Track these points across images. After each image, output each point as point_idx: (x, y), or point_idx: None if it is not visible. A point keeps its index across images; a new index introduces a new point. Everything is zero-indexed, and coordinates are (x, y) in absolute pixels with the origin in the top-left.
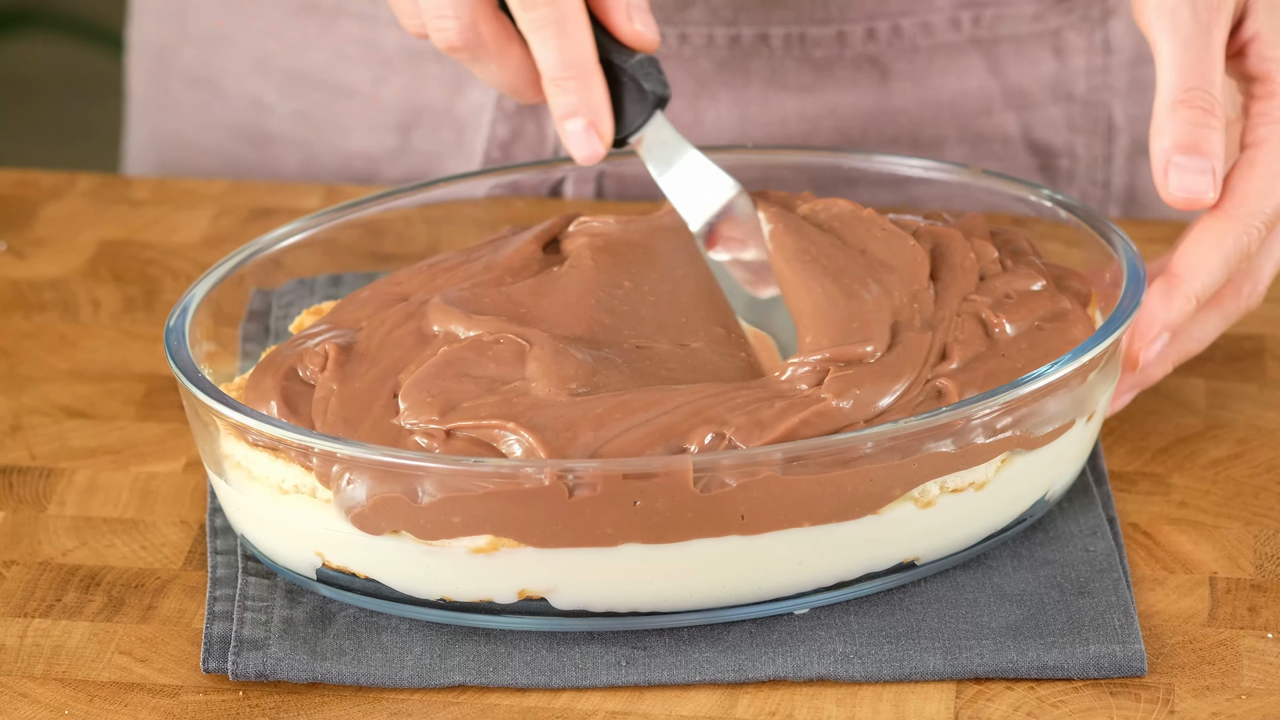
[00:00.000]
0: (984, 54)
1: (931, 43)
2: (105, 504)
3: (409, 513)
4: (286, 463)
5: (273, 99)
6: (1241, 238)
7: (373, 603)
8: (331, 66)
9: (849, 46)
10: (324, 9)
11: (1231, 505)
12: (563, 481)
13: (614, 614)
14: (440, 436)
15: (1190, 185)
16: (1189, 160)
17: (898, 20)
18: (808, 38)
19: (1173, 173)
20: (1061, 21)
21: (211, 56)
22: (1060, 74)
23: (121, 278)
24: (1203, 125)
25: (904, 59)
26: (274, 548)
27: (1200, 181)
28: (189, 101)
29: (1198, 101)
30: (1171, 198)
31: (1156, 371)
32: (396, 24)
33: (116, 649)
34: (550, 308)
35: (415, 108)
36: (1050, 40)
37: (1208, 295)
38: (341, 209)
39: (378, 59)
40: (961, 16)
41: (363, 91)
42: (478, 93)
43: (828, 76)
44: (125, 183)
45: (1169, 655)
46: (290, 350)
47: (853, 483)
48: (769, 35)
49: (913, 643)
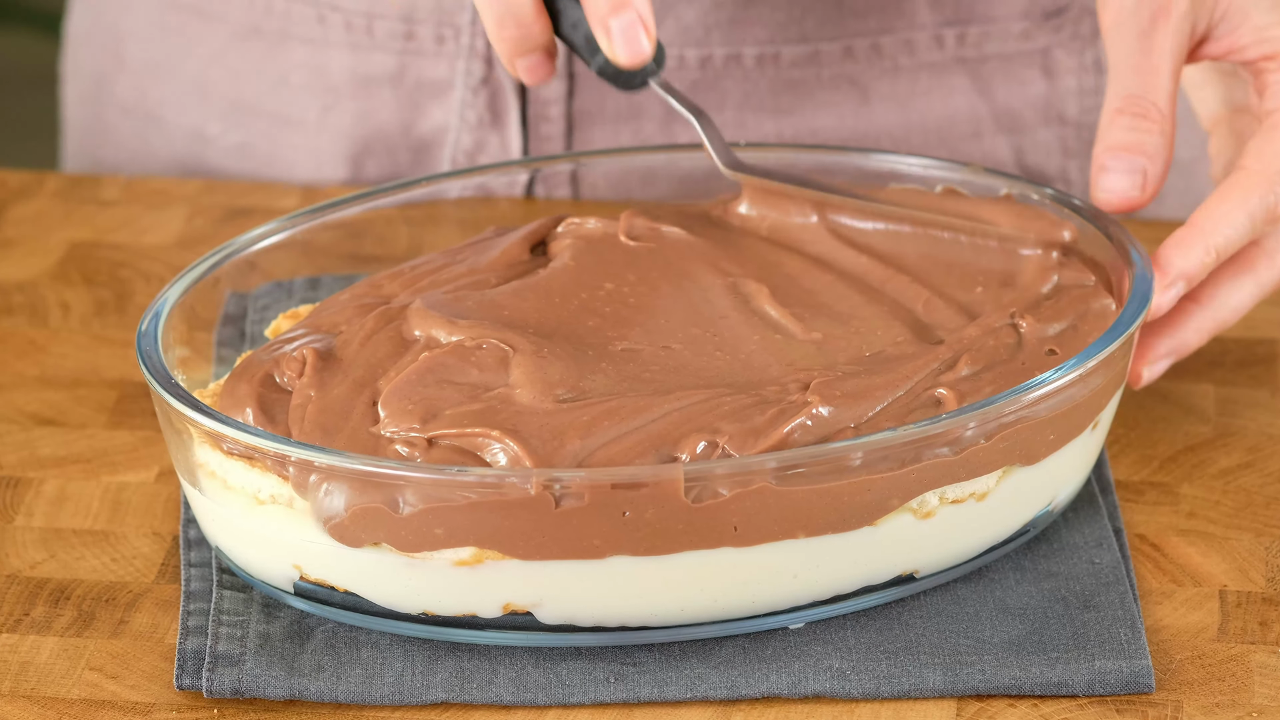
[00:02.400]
0: (970, 74)
1: (914, 62)
2: (75, 515)
3: (390, 524)
4: (263, 472)
5: (214, 130)
6: (1268, 196)
7: (352, 617)
8: (276, 95)
9: (826, 66)
10: (269, 33)
11: (1242, 516)
12: (549, 491)
13: (602, 629)
14: (422, 445)
15: (1117, 185)
16: (1116, 160)
17: (877, 38)
18: (782, 57)
19: (1101, 175)
20: (1050, 40)
21: (150, 85)
22: (1051, 95)
23: (92, 280)
24: (1137, 130)
25: (885, 79)
26: (250, 560)
27: (1126, 180)
28: (126, 132)
29: (1133, 108)
30: (1100, 199)
31: (1193, 339)
32: (346, 47)
33: (87, 665)
34: (533, 311)
35: (366, 136)
36: (1039, 59)
37: (1228, 251)
38: (320, 209)
39: (325, 86)
40: (945, 34)
41: (309, 121)
42: (439, 112)
43: (805, 97)
44: (96, 182)
45: (1177, 671)
46: (266, 355)
47: (849, 493)
48: (741, 55)
49: (912, 658)
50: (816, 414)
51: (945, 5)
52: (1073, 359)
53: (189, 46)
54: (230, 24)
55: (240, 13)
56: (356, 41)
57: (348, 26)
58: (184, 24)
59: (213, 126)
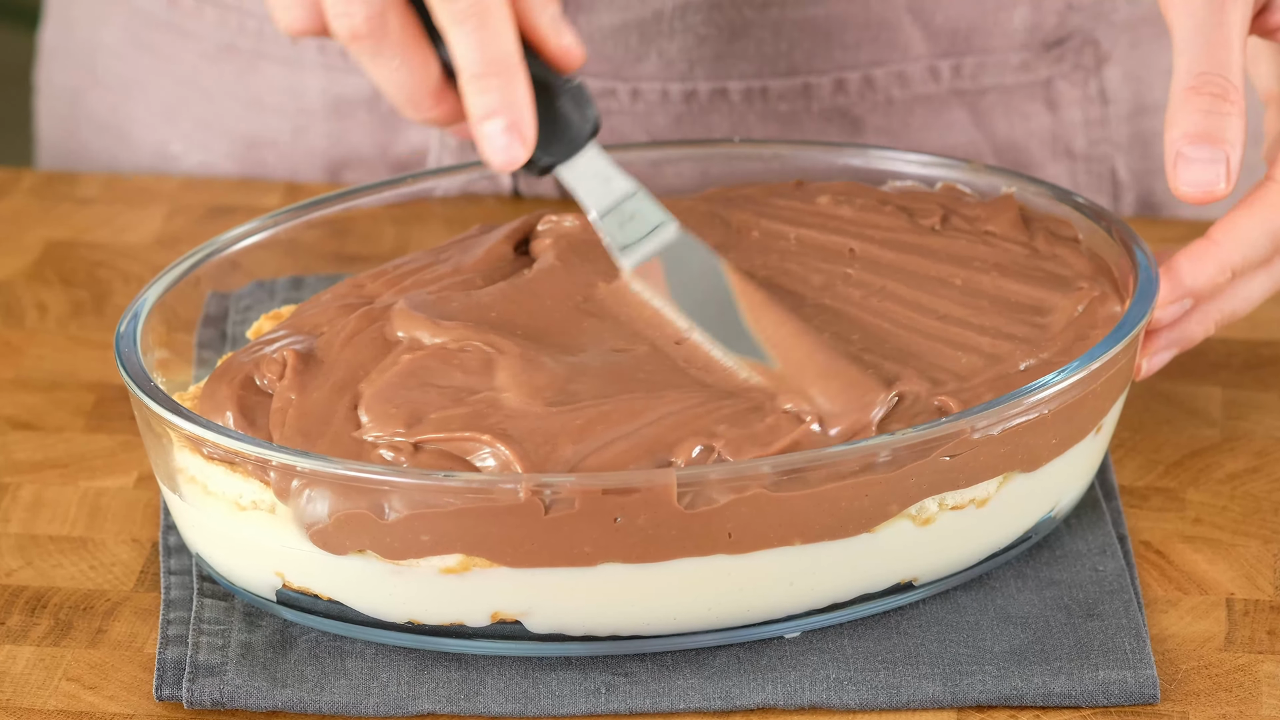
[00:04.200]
0: (968, 107)
1: (908, 94)
2: (52, 521)
3: (374, 530)
4: (244, 477)
5: (176, 149)
6: None
7: (336, 626)
8: (246, 116)
9: (816, 99)
10: (243, 51)
11: (1250, 522)
12: (539, 497)
13: (593, 638)
14: (408, 449)
15: (1199, 177)
16: (1198, 150)
17: (869, 71)
18: (770, 91)
19: (1180, 165)
20: (1052, 70)
21: (121, 102)
22: (1056, 128)
23: (69, 280)
24: (1214, 112)
25: (879, 112)
26: (231, 568)
27: (1210, 172)
28: (97, 148)
29: (1209, 87)
30: (1181, 192)
31: (1198, 331)
32: (320, 69)
33: (64, 675)
34: (521, 312)
35: (340, 158)
36: (1041, 91)
37: (1246, 270)
38: (303, 207)
39: (298, 108)
40: (940, 66)
41: (280, 143)
42: (417, 134)
43: (794, 130)
44: (73, 179)
45: (1183, 682)
46: (247, 357)
47: (846, 499)
48: (728, 89)
49: (911, 668)
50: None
51: (940, 36)
52: (1075, 361)
53: (162, 64)
54: (204, 42)
55: (214, 31)
56: (330, 63)
57: (321, 48)
58: (157, 41)
59: (175, 145)
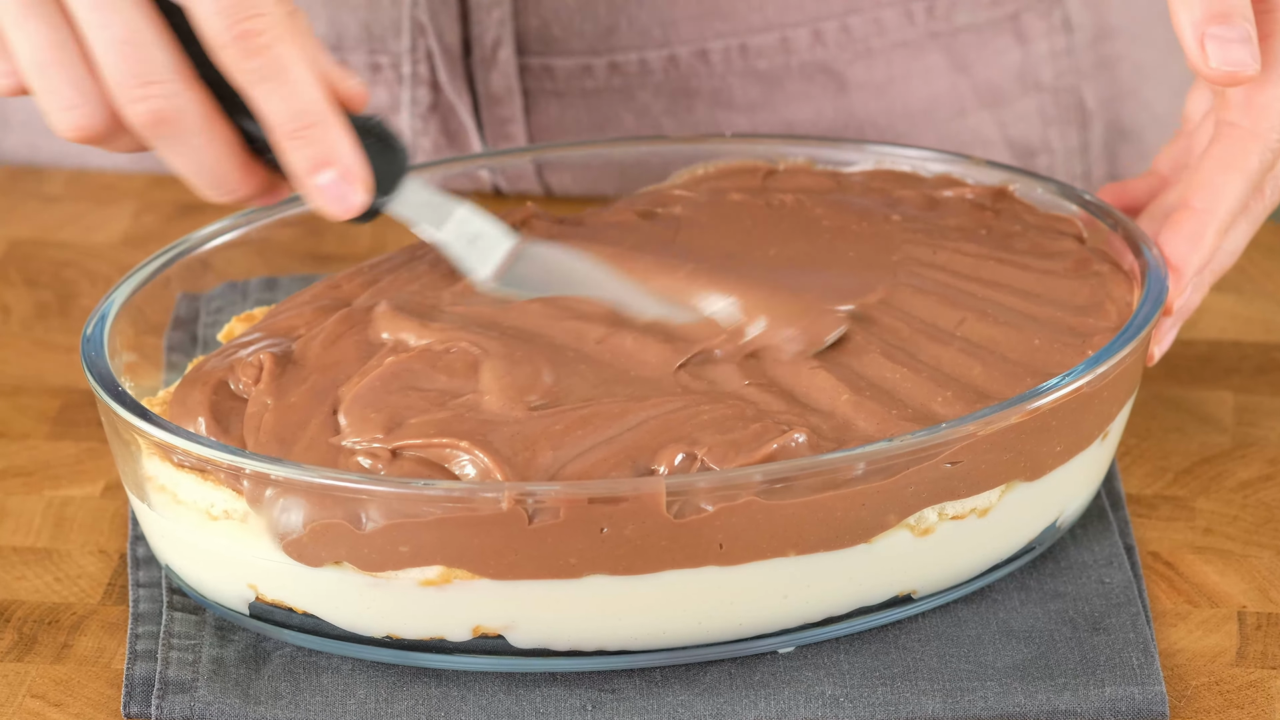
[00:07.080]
0: (945, 49)
1: (886, 41)
2: (15, 531)
3: (351, 541)
4: (216, 486)
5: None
6: (1266, 154)
7: (312, 640)
8: None
9: (795, 53)
10: None
11: (1262, 532)
12: (522, 506)
13: (579, 653)
14: (385, 456)
15: (1233, 56)
16: (1226, 29)
17: (845, 19)
18: (749, 48)
19: (1211, 45)
20: (1019, 4)
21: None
22: (1025, 62)
23: (34, 281)
24: None
25: (860, 64)
26: (202, 580)
27: (1241, 51)
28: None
29: None
30: (1213, 73)
31: (1196, 298)
32: None
33: (28, 692)
34: (509, 310)
35: None
36: (1010, 26)
37: (1231, 224)
38: (277, 205)
39: None
40: (914, 8)
41: None
42: None
43: (777, 89)
44: (38, 175)
45: (1193, 698)
46: (220, 361)
47: (842, 508)
48: (707, 51)
49: (909, 684)
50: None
51: None
52: (1081, 364)
53: None
54: None
55: None
56: None
57: None
58: None
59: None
